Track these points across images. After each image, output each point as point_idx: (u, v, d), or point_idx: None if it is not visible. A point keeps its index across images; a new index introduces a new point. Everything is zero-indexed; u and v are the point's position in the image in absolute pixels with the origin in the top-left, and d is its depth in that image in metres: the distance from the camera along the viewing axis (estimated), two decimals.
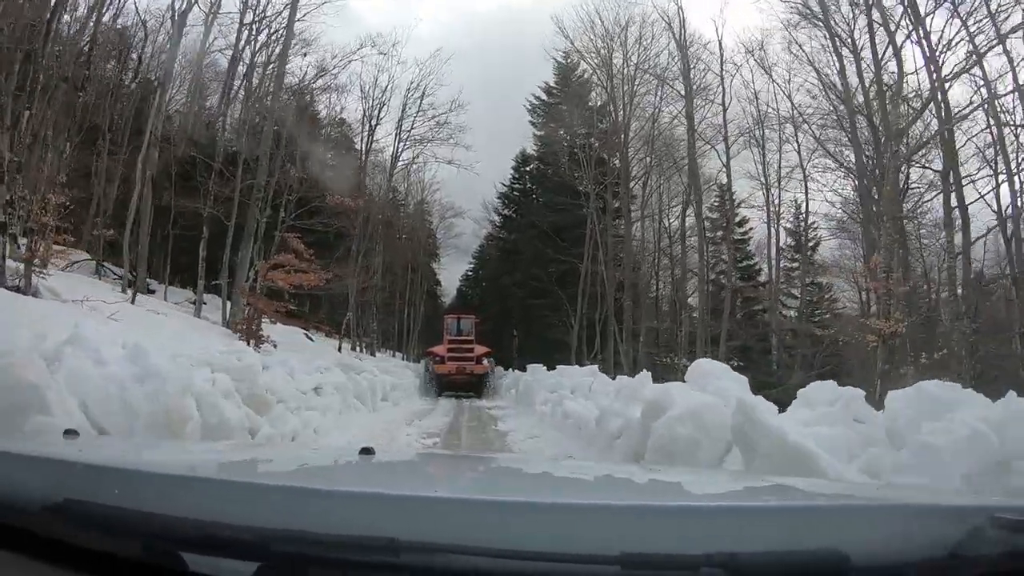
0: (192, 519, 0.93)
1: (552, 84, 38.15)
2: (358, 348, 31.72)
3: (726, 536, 0.89)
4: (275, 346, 15.67)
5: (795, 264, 41.64)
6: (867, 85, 21.74)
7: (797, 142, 27.15)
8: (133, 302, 14.90)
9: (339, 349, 24.27)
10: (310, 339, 21.58)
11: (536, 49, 52.86)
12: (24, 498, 1.02)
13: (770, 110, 25.27)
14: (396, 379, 19.77)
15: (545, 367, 17.61)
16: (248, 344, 13.88)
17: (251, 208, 17.70)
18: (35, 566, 0.99)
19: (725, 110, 23.53)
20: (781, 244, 41.03)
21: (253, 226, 16.99)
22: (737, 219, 43.01)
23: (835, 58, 21.30)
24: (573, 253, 29.44)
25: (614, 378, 12.38)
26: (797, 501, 1.29)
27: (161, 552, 0.93)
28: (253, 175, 18.50)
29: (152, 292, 23.14)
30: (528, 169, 42.78)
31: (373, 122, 31.58)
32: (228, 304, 18.18)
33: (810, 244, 37.37)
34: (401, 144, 32.09)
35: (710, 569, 0.83)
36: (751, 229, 41.16)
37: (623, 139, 26.50)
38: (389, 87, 31.69)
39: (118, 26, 24.73)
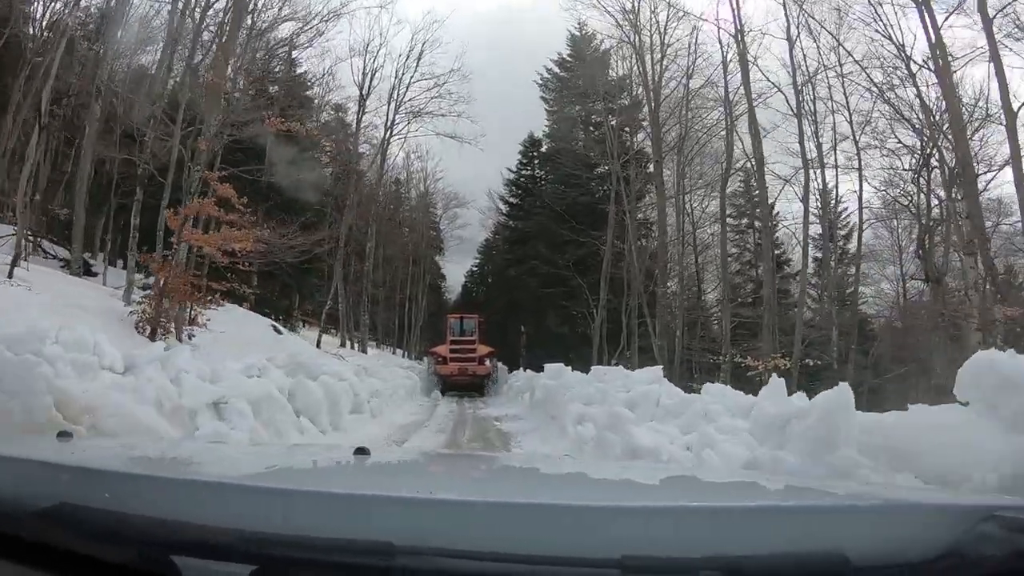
0: (184, 522, 0.87)
1: (566, 56, 33.50)
2: (348, 344, 27.17)
3: (727, 538, 0.85)
4: (191, 338, 11.00)
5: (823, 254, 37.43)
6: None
7: (848, 111, 22.16)
8: (10, 276, 10.34)
9: (318, 344, 19.68)
10: (278, 331, 17.09)
11: (535, 49, 49.26)
12: (14, 502, 0.96)
13: (820, 69, 20.36)
14: (383, 381, 15.19)
15: (565, 367, 12.99)
16: (154, 336, 9.32)
17: (193, 160, 13.03)
18: (24, 572, 0.93)
19: (792, 45, 18.69)
20: (811, 233, 36.99)
21: (193, 181, 12.34)
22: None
23: None
24: (591, 235, 24.85)
25: (694, 391, 7.76)
26: (797, 502, 1.24)
27: (151, 556, 0.87)
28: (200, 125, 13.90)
29: (94, 274, 18.64)
30: (537, 154, 38.40)
31: (365, 90, 27.02)
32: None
33: (852, 230, 33.38)
34: (396, 114, 27.38)
35: (710, 572, 0.79)
36: (777, 213, 36.97)
37: (654, 103, 21.80)
38: (382, 50, 27.27)
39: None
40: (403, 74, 27.71)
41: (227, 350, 11.89)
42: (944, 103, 19.32)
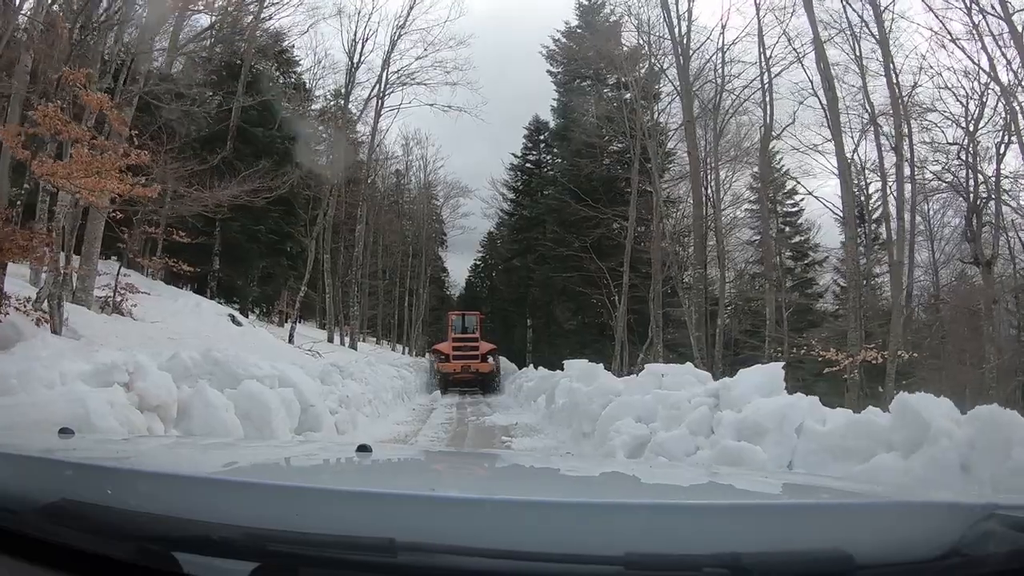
0: (186, 519, 0.85)
1: (574, 26, 30.01)
2: (339, 339, 23.81)
3: (730, 535, 0.82)
4: (48, 325, 7.53)
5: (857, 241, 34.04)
6: None
7: (895, 73, 18.27)
8: None
9: (290, 338, 16.26)
10: (236, 323, 13.73)
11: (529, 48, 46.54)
12: (16, 499, 0.93)
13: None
14: (363, 384, 11.81)
15: (596, 366, 9.61)
16: None
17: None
18: (26, 568, 0.90)
19: None
20: (840, 214, 33.54)
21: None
22: (786, 188, 35.11)
23: None
24: (611, 211, 21.34)
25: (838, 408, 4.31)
26: (801, 499, 1.21)
27: (153, 553, 0.84)
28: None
29: None
30: (543, 138, 35.05)
31: (356, 59, 23.62)
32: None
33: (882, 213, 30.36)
34: (387, 84, 23.94)
35: (714, 569, 0.77)
36: (802, 199, 33.61)
37: (682, 57, 18.23)
38: (374, 16, 23.94)
39: None
40: (397, 39, 24.33)
41: (135, 344, 8.58)
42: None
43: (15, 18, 12.33)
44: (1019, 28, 15.16)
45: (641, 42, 23.22)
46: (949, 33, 16.39)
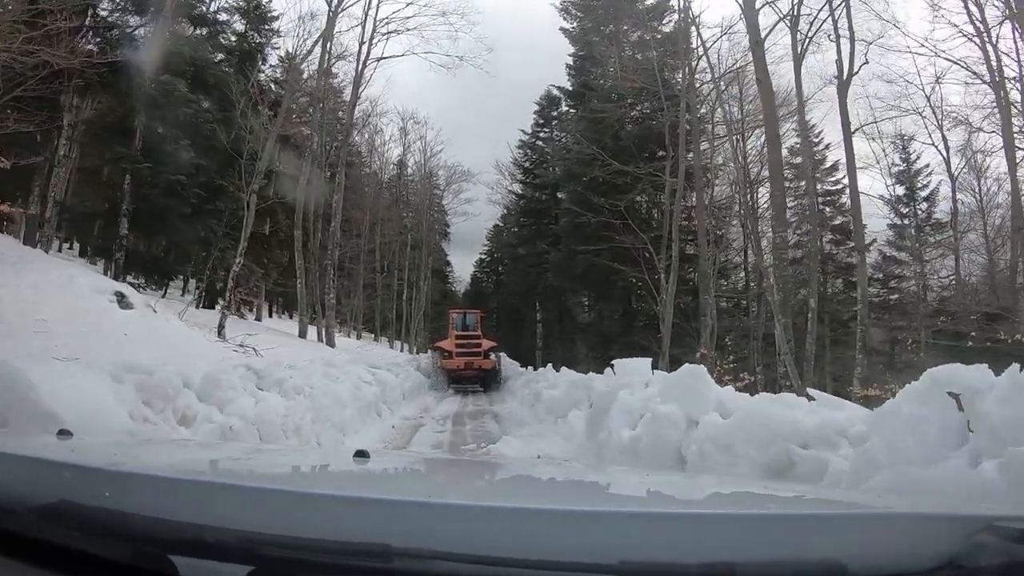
0: (183, 522, 0.83)
1: None
2: (318, 332, 19.45)
3: (725, 545, 0.80)
4: None
5: (906, 221, 29.88)
6: None
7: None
8: None
9: (219, 330, 11.80)
10: (124, 304, 9.39)
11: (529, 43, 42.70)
12: (14, 500, 0.91)
13: None
14: (297, 400, 7.35)
15: (699, 369, 5.19)
16: None
17: None
18: (23, 568, 0.88)
19: None
20: (887, 194, 29.40)
21: None
22: (827, 164, 30.92)
23: None
24: (649, 168, 16.88)
25: None
26: (795, 509, 1.15)
27: (149, 555, 0.82)
28: None
29: None
30: (556, 114, 30.78)
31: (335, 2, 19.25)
32: None
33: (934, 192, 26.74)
34: (374, 29, 19.54)
35: None
36: (843, 176, 29.42)
37: None
38: None
39: None
40: None
41: None
42: None
43: None
44: None
45: None
46: None
